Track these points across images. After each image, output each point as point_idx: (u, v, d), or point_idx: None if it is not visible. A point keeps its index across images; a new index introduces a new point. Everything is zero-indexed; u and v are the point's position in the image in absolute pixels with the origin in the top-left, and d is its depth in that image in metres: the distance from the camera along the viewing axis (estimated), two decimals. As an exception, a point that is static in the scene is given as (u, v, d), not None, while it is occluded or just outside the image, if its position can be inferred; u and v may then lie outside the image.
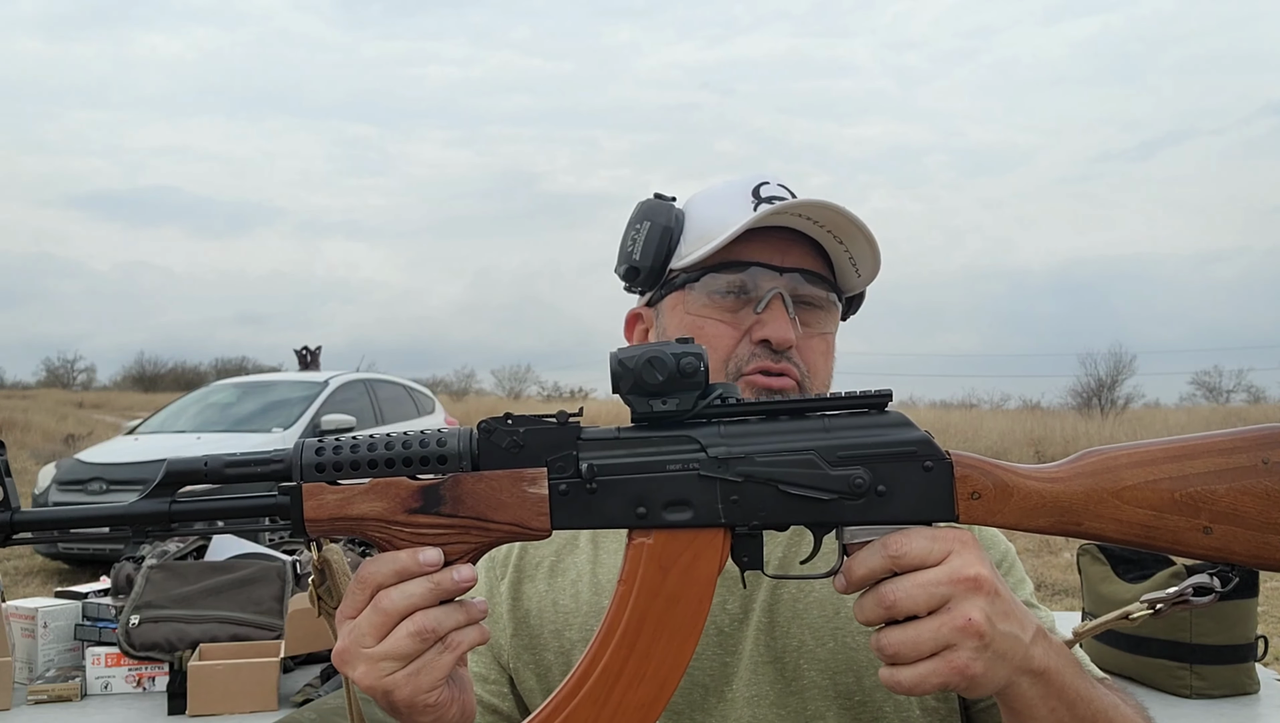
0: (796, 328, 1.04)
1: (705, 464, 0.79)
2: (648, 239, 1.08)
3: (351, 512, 0.78)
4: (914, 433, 0.81)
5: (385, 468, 0.78)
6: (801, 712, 1.02)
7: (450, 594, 0.78)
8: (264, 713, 2.27)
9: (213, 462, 0.79)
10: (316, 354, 12.46)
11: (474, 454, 0.79)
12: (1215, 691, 2.30)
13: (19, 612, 2.50)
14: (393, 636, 0.77)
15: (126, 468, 8.24)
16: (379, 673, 0.77)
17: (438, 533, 0.78)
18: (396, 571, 0.77)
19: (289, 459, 0.79)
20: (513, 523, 0.79)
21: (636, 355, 0.79)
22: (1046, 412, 23.13)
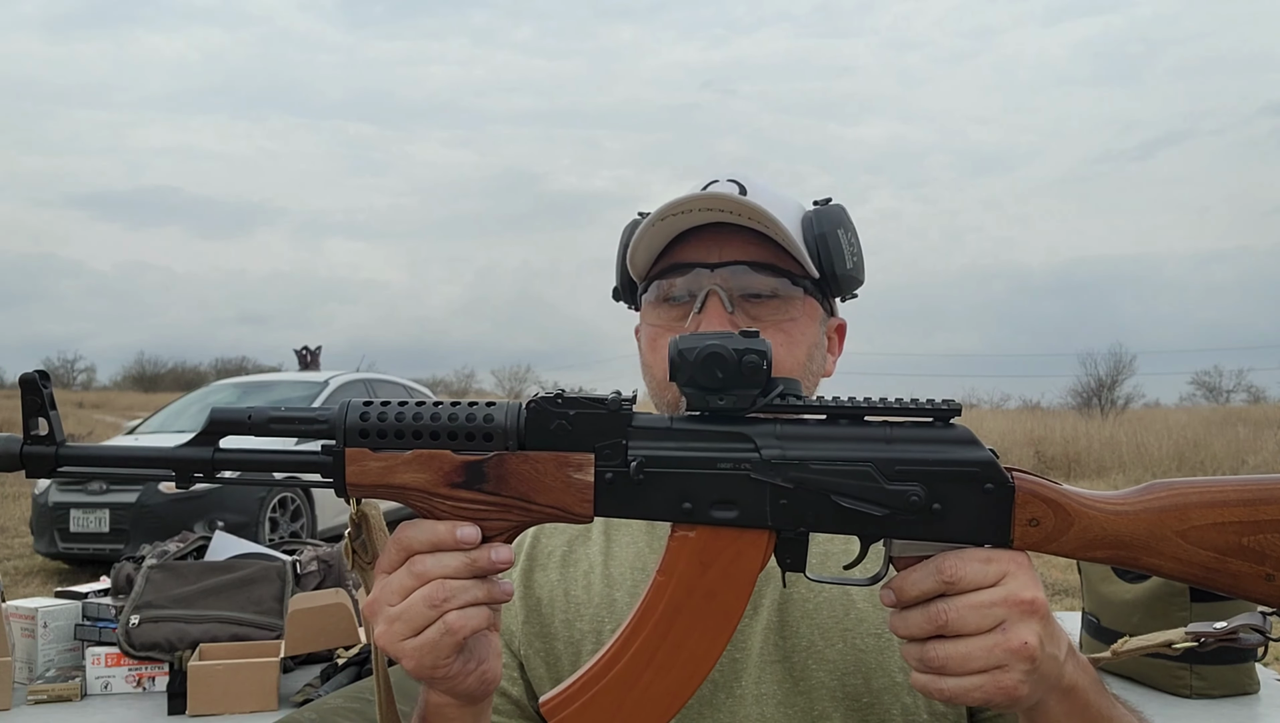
0: (739, 322, 1.02)
1: (757, 466, 0.77)
2: (619, 256, 1.11)
3: (393, 480, 0.77)
4: (979, 453, 0.79)
5: (430, 440, 0.77)
6: (809, 712, 1.02)
7: (485, 572, 0.77)
8: (264, 713, 2.26)
9: (257, 414, 0.78)
10: (316, 354, 12.46)
11: (520, 433, 0.77)
12: (1215, 691, 2.30)
13: (19, 612, 2.50)
14: (410, 599, 0.76)
15: (126, 468, 8.22)
16: (392, 635, 0.77)
17: (479, 509, 0.77)
18: (432, 541, 0.77)
19: (333, 420, 0.78)
20: (555, 507, 0.78)
21: (697, 347, 0.77)
22: (1046, 412, 23.13)
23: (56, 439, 0.78)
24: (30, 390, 0.76)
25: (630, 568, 1.09)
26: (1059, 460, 15.37)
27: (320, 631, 2.45)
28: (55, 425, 0.78)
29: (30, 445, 0.77)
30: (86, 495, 8.02)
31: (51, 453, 0.77)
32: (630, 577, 1.09)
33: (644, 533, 1.12)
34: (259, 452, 0.80)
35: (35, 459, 0.77)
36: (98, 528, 7.92)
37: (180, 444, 0.79)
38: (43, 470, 0.78)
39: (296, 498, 8.56)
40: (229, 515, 6.85)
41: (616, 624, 1.06)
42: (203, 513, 6.88)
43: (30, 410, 0.77)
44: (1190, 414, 20.83)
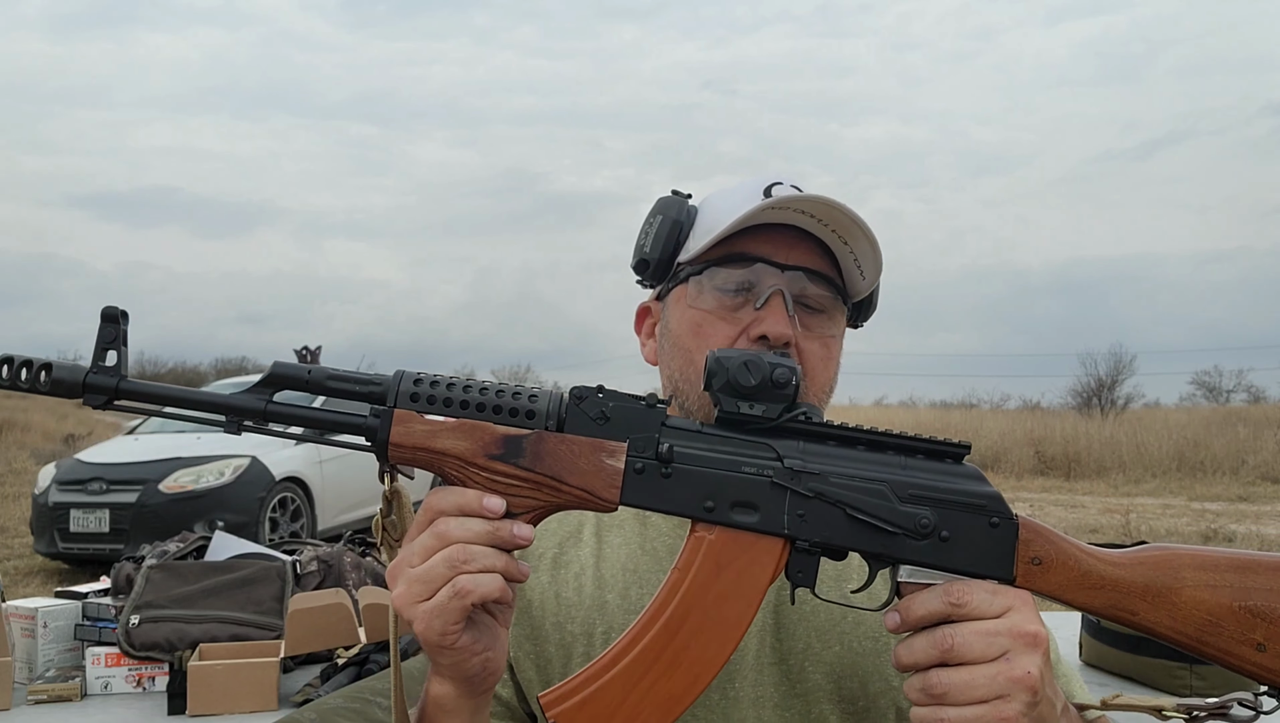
0: (796, 327, 1.03)
1: (779, 473, 0.80)
2: (658, 232, 1.09)
3: (435, 445, 0.80)
4: (986, 488, 0.82)
5: (475, 411, 0.80)
6: (805, 714, 1.02)
7: (506, 544, 0.79)
8: (264, 713, 2.26)
9: (316, 372, 0.82)
10: (316, 354, 12.43)
11: (561, 417, 0.81)
12: (1215, 690, 2.29)
13: (19, 612, 2.50)
14: (430, 560, 0.78)
15: (126, 468, 8.23)
16: (409, 597, 0.78)
17: (510, 484, 0.80)
18: (460, 505, 0.79)
19: (387, 384, 0.81)
20: (584, 490, 0.80)
21: (734, 357, 0.81)
22: (1046, 412, 23.13)
23: (120, 372, 0.80)
24: (110, 321, 0.80)
25: (622, 570, 1.09)
26: (1059, 460, 15.37)
27: (320, 631, 2.45)
28: (123, 360, 0.81)
29: (95, 374, 0.80)
30: (86, 496, 8.02)
31: (113, 385, 0.80)
32: (621, 579, 1.09)
33: (635, 535, 1.11)
34: (310, 409, 0.83)
35: (96, 388, 0.80)
36: (98, 528, 7.92)
37: (237, 391, 0.82)
38: (100, 400, 0.80)
39: (296, 498, 8.56)
40: (229, 516, 6.86)
41: (608, 627, 1.05)
42: (203, 513, 6.89)
43: (104, 341, 0.80)
44: (1190, 414, 20.82)
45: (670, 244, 1.08)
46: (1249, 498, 12.33)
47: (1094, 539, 5.59)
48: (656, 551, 1.09)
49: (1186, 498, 12.42)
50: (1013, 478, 14.90)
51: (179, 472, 8.12)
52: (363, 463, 8.53)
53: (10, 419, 21.06)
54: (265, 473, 8.28)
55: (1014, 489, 13.65)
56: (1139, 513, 10.78)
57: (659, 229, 1.09)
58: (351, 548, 2.94)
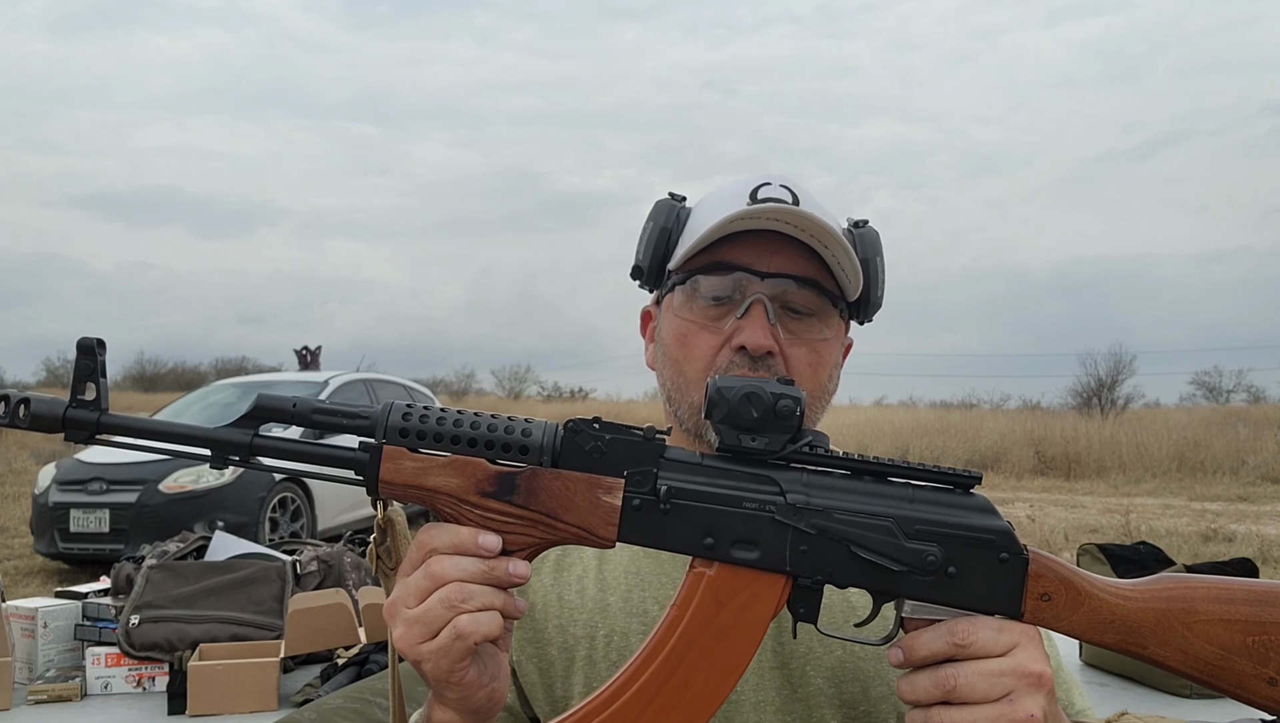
0: (779, 334, 1.02)
1: (781, 509, 0.78)
2: (648, 239, 1.08)
3: (426, 482, 0.78)
4: (996, 522, 0.80)
5: (467, 447, 0.78)
6: (807, 718, 1.02)
7: (501, 583, 0.78)
8: (264, 713, 2.26)
9: (301, 405, 0.79)
10: (316, 354, 12.46)
11: (556, 451, 0.78)
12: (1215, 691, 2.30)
13: (19, 612, 2.50)
14: (428, 602, 0.77)
15: (126, 468, 8.22)
16: (411, 638, 0.77)
17: (505, 521, 0.78)
18: (454, 544, 0.77)
19: (375, 418, 0.79)
20: (580, 527, 0.78)
21: (736, 387, 0.79)
22: (1046, 412, 23.13)
23: (101, 406, 0.79)
24: (85, 354, 0.78)
25: (624, 573, 1.09)
26: (1059, 460, 15.37)
27: (320, 631, 2.45)
28: (102, 392, 0.79)
29: (75, 409, 0.78)
30: (86, 496, 8.02)
31: (94, 419, 0.78)
32: (624, 582, 1.08)
33: None
34: (298, 443, 0.80)
35: (77, 423, 0.78)
36: (98, 528, 7.92)
37: (222, 426, 0.80)
38: (82, 436, 0.79)
39: (296, 498, 8.56)
40: (229, 516, 6.86)
41: (610, 629, 1.05)
42: (203, 513, 6.89)
43: (82, 374, 0.78)
44: (1190, 414, 20.82)
45: (660, 251, 1.07)
46: (1249, 498, 12.33)
47: (1094, 539, 5.58)
48: (659, 554, 1.08)
49: (1186, 498, 12.42)
50: (1013, 478, 14.89)
51: (179, 472, 8.12)
52: (363, 463, 8.54)
53: (10, 419, 21.02)
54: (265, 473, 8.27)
55: (1014, 489, 13.65)
56: (1139, 513, 10.77)
57: (649, 236, 1.08)
58: (351, 548, 2.94)
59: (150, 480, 8.02)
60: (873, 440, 16.35)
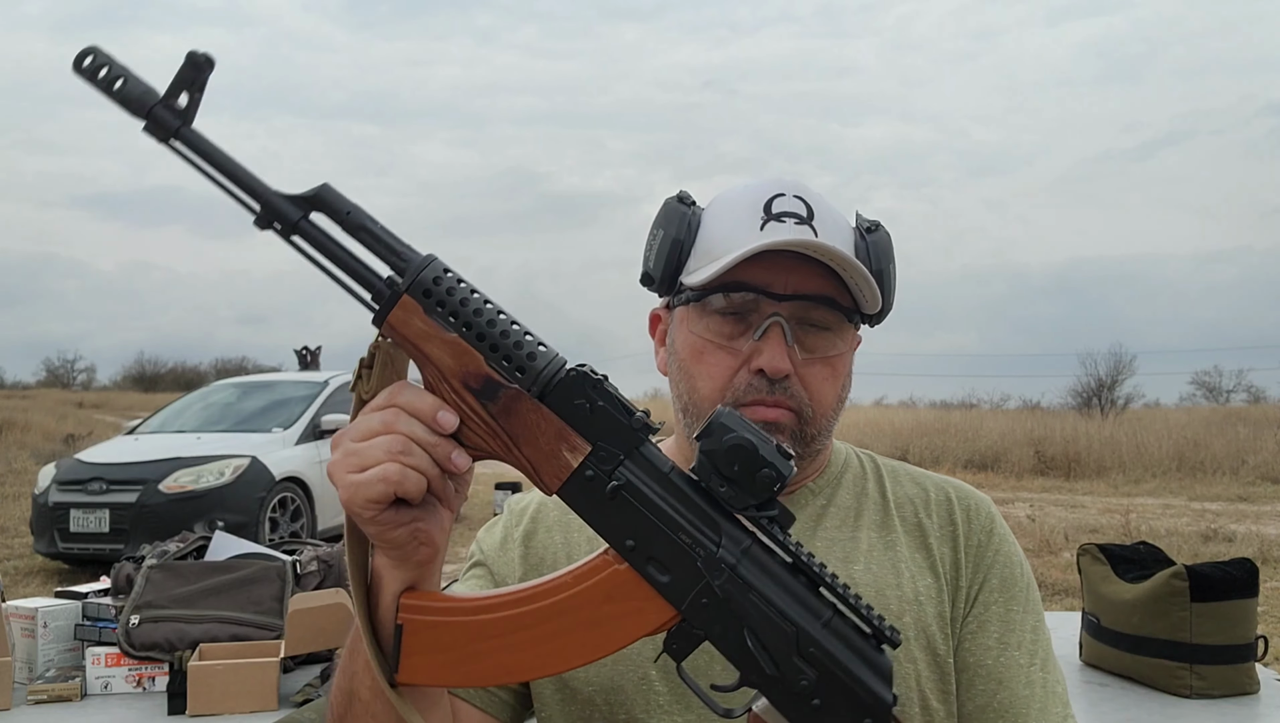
0: (795, 356, 1.02)
1: (707, 560, 0.78)
2: (659, 249, 1.07)
3: (423, 347, 0.78)
4: (882, 690, 0.80)
5: (475, 340, 0.78)
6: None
7: (440, 459, 0.78)
8: (264, 713, 2.26)
9: (355, 213, 0.78)
10: (316, 354, 12.45)
11: (547, 386, 0.78)
12: (1215, 691, 2.30)
13: (19, 612, 2.50)
14: (371, 442, 0.78)
15: (126, 468, 8.23)
16: (341, 466, 0.78)
17: (472, 418, 0.78)
18: (415, 407, 0.78)
19: (410, 265, 0.78)
20: (531, 464, 0.79)
21: (733, 432, 0.77)
22: (1046, 412, 23.14)
23: (187, 118, 0.78)
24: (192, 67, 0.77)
25: (588, 542, 1.09)
26: (1059, 460, 15.37)
27: (320, 631, 2.45)
28: (193, 107, 0.78)
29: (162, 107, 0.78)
30: (86, 496, 8.02)
31: (174, 126, 0.78)
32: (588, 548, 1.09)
33: None
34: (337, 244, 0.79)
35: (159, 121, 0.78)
36: (98, 528, 7.92)
37: (281, 192, 0.79)
38: (160, 135, 0.78)
39: (296, 498, 8.57)
40: (229, 515, 6.86)
41: None
42: (203, 513, 6.89)
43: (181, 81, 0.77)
44: (1190, 414, 20.82)
45: (673, 262, 1.07)
46: (1249, 498, 12.33)
47: (1094, 539, 5.57)
48: None
49: (1186, 498, 12.42)
50: (1013, 478, 14.90)
51: (179, 472, 8.13)
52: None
53: (10, 419, 21.07)
54: (265, 473, 8.28)
55: (1014, 489, 13.65)
56: (1139, 513, 10.78)
57: (660, 245, 1.07)
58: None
59: (150, 480, 8.03)
60: (872, 440, 16.34)
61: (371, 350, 0.82)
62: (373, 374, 0.82)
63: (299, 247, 0.80)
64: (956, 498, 1.14)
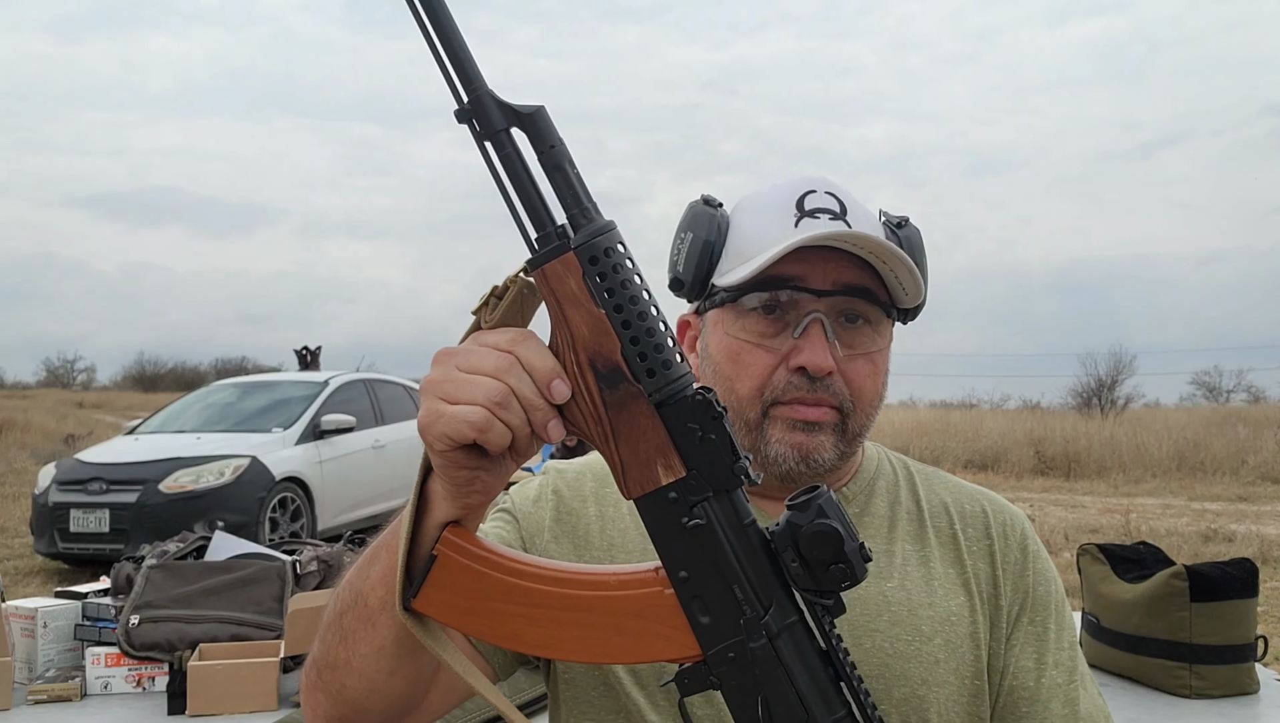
0: (837, 352, 1.01)
1: (750, 621, 0.76)
2: (689, 253, 1.06)
3: (567, 309, 0.75)
4: None
5: (620, 325, 0.74)
6: None
7: (535, 422, 0.75)
8: (264, 713, 2.27)
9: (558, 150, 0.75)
10: (316, 354, 12.48)
11: (671, 398, 0.75)
12: (1215, 691, 2.30)
13: (19, 612, 2.50)
14: (474, 377, 0.74)
15: (126, 468, 8.24)
16: (433, 389, 0.75)
17: (584, 396, 0.76)
18: (533, 365, 0.75)
19: (590, 224, 0.75)
20: (621, 463, 0.76)
21: (825, 518, 0.75)
22: (1046, 412, 23.15)
23: None
24: None
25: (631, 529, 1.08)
26: (1059, 460, 15.38)
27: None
28: None
29: None
30: (86, 496, 8.02)
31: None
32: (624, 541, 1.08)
33: None
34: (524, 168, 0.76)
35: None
36: (98, 528, 7.93)
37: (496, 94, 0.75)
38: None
39: (296, 498, 8.57)
40: (229, 515, 6.86)
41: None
42: (203, 513, 6.89)
43: None
44: (1190, 414, 20.81)
45: (704, 265, 1.05)
46: (1249, 498, 12.33)
47: (1094, 539, 5.56)
48: None
49: (1186, 498, 12.42)
50: (1013, 478, 14.90)
51: (179, 472, 8.13)
52: (363, 463, 8.60)
53: (10, 419, 21.08)
54: (265, 473, 8.28)
55: (1014, 489, 13.65)
56: (1139, 513, 10.78)
57: (690, 249, 1.05)
58: (351, 548, 2.94)
59: (150, 480, 8.03)
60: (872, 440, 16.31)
61: (507, 282, 0.79)
62: (500, 306, 0.79)
63: (487, 155, 0.76)
64: (992, 512, 1.12)
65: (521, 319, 0.79)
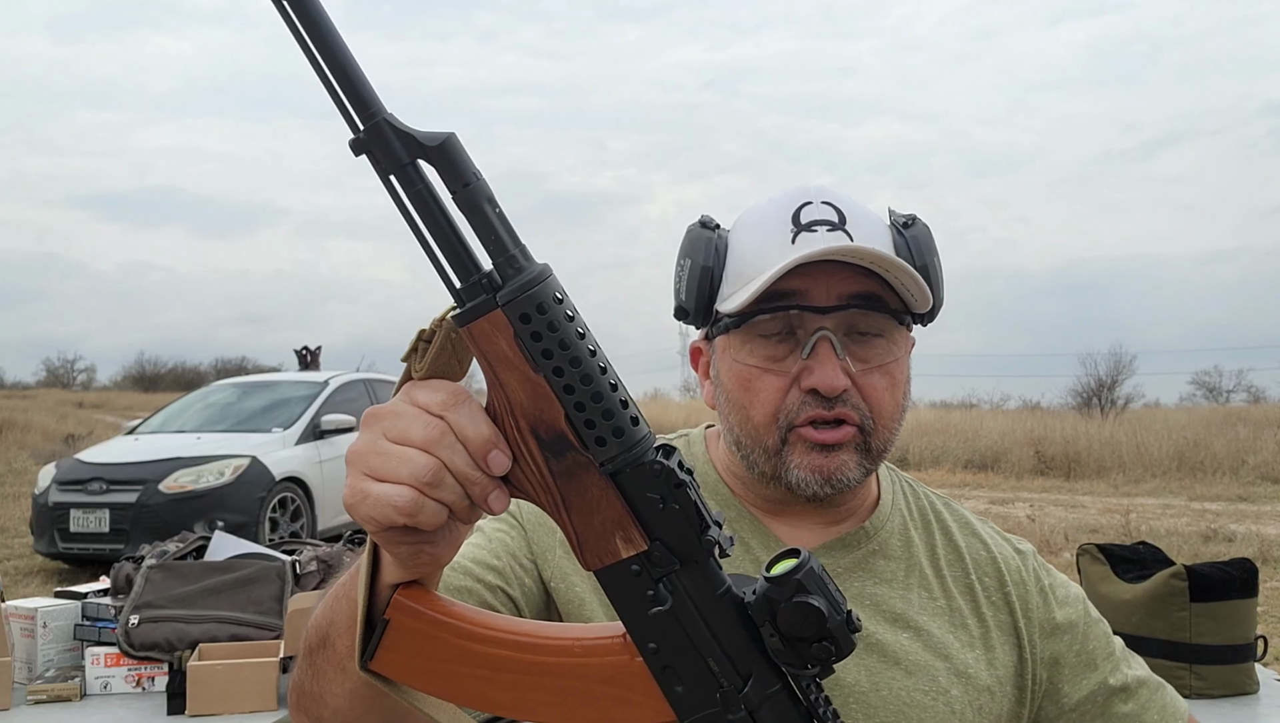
0: (850, 368, 0.98)
1: (728, 694, 0.70)
2: (689, 280, 1.03)
3: (500, 373, 0.66)
4: None
5: (563, 390, 0.66)
6: None
7: (475, 498, 0.68)
8: (264, 713, 2.27)
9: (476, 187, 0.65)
10: (316, 354, 12.46)
11: (627, 467, 0.67)
12: (1215, 691, 2.30)
13: (19, 612, 2.50)
14: (404, 451, 0.66)
15: (126, 468, 8.23)
16: (360, 463, 0.67)
17: (529, 466, 0.68)
18: (467, 435, 0.66)
19: (520, 276, 0.65)
20: (576, 534, 0.69)
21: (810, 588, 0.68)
22: (1046, 412, 23.14)
23: None
24: None
25: None
26: (1059, 460, 15.38)
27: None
28: None
29: None
30: (86, 495, 8.02)
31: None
32: None
33: None
34: (439, 208, 0.66)
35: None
36: (98, 528, 7.93)
37: (397, 121, 0.66)
38: None
39: (296, 498, 8.57)
40: (229, 515, 6.86)
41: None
42: (203, 513, 6.89)
43: None
44: (1190, 414, 20.82)
45: (705, 292, 1.02)
46: (1249, 498, 12.33)
47: (1094, 539, 5.57)
48: None
49: (1186, 498, 12.42)
50: (1013, 478, 14.90)
51: (179, 472, 8.13)
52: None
53: (10, 419, 21.07)
54: (265, 473, 8.28)
55: (1014, 489, 13.65)
56: (1139, 513, 10.78)
57: (690, 276, 1.03)
58: (351, 548, 2.94)
59: (150, 480, 8.03)
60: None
61: (434, 326, 0.70)
62: (429, 352, 0.70)
63: (394, 192, 0.67)
64: (1003, 559, 1.11)
65: (457, 365, 0.71)
